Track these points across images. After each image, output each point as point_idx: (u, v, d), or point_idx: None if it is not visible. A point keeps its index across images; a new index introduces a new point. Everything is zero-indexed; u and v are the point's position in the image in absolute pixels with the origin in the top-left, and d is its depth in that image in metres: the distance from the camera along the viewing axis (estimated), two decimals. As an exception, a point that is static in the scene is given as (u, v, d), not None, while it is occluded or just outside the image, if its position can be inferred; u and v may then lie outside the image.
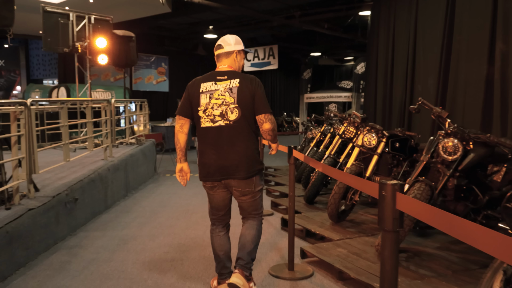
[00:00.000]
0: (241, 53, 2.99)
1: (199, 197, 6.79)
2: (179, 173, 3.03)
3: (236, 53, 2.95)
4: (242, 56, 3.01)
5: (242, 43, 3.00)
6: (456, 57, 6.15)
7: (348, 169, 4.52)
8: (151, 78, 17.88)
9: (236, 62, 2.95)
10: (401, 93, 7.76)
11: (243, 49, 2.99)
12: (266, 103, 2.82)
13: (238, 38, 2.99)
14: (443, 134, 3.56)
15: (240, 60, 3.00)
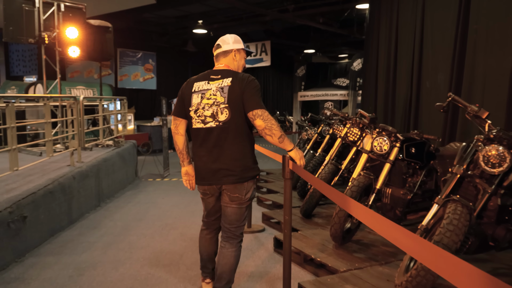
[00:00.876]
0: (240, 52, 2.85)
1: (181, 207, 5.98)
2: (185, 177, 2.90)
3: (235, 52, 2.81)
4: (243, 55, 2.87)
5: (242, 42, 2.86)
6: (473, 49, 5.40)
7: (355, 180, 3.74)
8: (138, 75, 17.02)
9: (234, 61, 2.81)
10: (405, 90, 7.02)
11: (243, 48, 2.85)
12: (256, 99, 2.58)
13: (238, 37, 2.86)
14: (482, 140, 2.79)
15: (240, 59, 2.85)
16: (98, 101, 7.50)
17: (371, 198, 3.74)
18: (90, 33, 7.19)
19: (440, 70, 6.13)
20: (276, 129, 2.53)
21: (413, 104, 6.78)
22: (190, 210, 5.82)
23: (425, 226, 2.71)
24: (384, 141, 3.74)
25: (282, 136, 2.56)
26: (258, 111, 2.53)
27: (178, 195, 6.95)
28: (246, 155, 2.67)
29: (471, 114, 2.93)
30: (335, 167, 4.81)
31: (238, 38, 2.85)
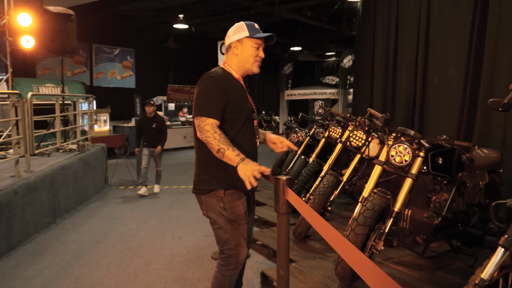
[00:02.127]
0: (243, 42, 2.33)
1: (151, 224, 5.06)
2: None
3: (234, 45, 2.35)
4: (250, 44, 2.32)
5: (246, 29, 2.34)
6: (494, 36, 4.61)
7: (368, 201, 2.87)
8: (115, 73, 15.93)
9: (235, 55, 2.35)
10: (408, 87, 6.22)
11: (247, 35, 2.31)
12: (197, 104, 2.24)
13: (242, 24, 2.37)
14: None
15: (244, 50, 2.33)
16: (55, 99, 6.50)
17: (388, 224, 2.88)
18: (47, 21, 6.19)
19: (452, 63, 5.33)
20: (212, 143, 2.11)
21: (418, 103, 5.98)
22: (161, 229, 4.90)
23: (486, 280, 1.86)
24: (405, 150, 2.88)
25: (221, 151, 2.09)
26: (196, 119, 2.21)
27: (150, 207, 6.01)
28: (202, 165, 2.38)
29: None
30: (335, 179, 3.94)
31: (242, 25, 2.35)
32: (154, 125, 6.73)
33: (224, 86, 2.23)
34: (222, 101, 2.21)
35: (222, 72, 2.33)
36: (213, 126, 2.13)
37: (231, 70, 2.36)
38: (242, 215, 2.29)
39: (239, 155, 2.06)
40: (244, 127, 2.29)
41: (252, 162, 2.10)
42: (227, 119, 2.25)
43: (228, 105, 2.22)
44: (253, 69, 2.34)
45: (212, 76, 2.26)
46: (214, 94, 2.19)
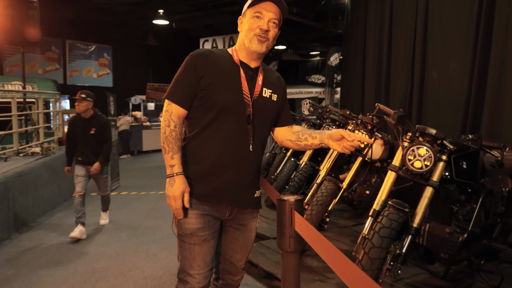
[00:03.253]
0: (245, 15, 1.81)
1: (123, 239, 4.44)
2: None
3: (239, 21, 1.86)
4: (249, 14, 1.78)
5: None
6: (504, 27, 4.17)
7: (383, 216, 2.34)
8: (91, 70, 15.17)
9: (240, 36, 1.83)
10: (404, 83, 5.77)
11: (248, 5, 1.78)
12: (171, 83, 1.81)
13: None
14: None
15: (243, 25, 1.81)
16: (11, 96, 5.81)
17: (406, 243, 2.36)
18: (4, 8, 5.50)
19: (454, 57, 4.88)
20: (161, 136, 1.77)
21: (415, 100, 5.53)
22: (133, 244, 4.29)
23: None
24: (427, 153, 2.36)
25: (163, 150, 1.75)
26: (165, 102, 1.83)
27: (124, 216, 5.39)
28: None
29: None
30: (334, 185, 3.41)
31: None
32: (92, 131, 4.56)
33: (196, 64, 1.74)
34: (190, 83, 1.75)
35: (216, 51, 1.83)
36: (171, 115, 1.76)
37: (234, 52, 1.85)
38: (189, 232, 1.76)
39: (173, 167, 1.72)
40: (218, 124, 1.75)
41: (181, 183, 1.71)
42: (197, 107, 1.77)
43: (198, 89, 1.75)
44: (251, 46, 1.76)
45: (191, 53, 1.80)
46: (183, 74, 1.78)
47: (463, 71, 4.64)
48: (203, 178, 1.77)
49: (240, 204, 1.84)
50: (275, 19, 1.76)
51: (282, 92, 1.97)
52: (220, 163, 1.76)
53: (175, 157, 1.73)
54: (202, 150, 1.78)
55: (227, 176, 1.78)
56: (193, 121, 1.80)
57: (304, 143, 1.93)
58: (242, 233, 1.91)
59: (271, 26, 1.76)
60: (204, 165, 1.77)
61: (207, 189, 1.77)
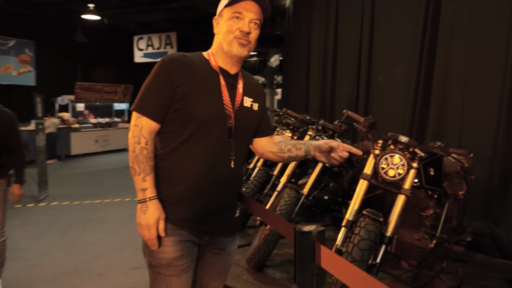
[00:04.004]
0: (222, 15, 1.60)
1: (59, 257, 4.00)
2: None
3: (215, 22, 1.65)
4: (227, 14, 1.57)
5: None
6: (448, 34, 4.34)
7: (360, 228, 2.26)
8: (10, 67, 13.85)
9: (216, 38, 1.64)
10: (350, 87, 5.85)
11: (225, 4, 1.57)
12: (139, 94, 1.58)
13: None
14: None
15: (222, 25, 1.59)
16: None
17: (381, 253, 2.31)
18: None
19: (399, 62, 5.02)
20: (129, 154, 1.54)
21: (361, 103, 5.62)
22: (72, 263, 3.88)
23: None
24: (400, 161, 2.33)
25: (132, 171, 1.52)
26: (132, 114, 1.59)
27: (57, 232, 4.89)
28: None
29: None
30: (296, 193, 3.31)
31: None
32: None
33: (170, 71, 1.52)
34: (164, 93, 1.52)
35: (191, 55, 1.60)
36: (142, 130, 1.52)
37: (211, 56, 1.63)
38: (166, 262, 1.54)
39: (145, 191, 1.51)
40: (196, 139, 1.54)
41: (155, 209, 1.50)
42: (171, 120, 1.55)
43: (173, 100, 1.52)
44: (231, 50, 1.56)
45: (162, 59, 1.57)
46: (155, 82, 1.54)
47: (409, 76, 4.78)
48: (180, 200, 1.55)
49: (221, 227, 1.65)
50: (257, 19, 1.57)
51: (263, 99, 1.80)
52: (200, 183, 1.55)
53: (148, 179, 1.50)
54: (178, 169, 1.55)
55: (207, 197, 1.58)
56: (167, 136, 1.57)
57: (287, 154, 1.78)
58: (221, 257, 1.72)
59: (252, 28, 1.56)
60: (181, 186, 1.55)
61: (185, 213, 1.55)
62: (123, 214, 5.74)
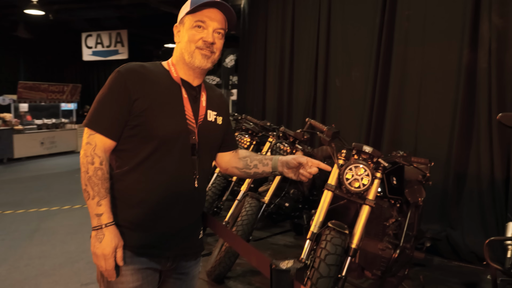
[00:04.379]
0: (183, 23, 1.48)
1: (1, 274, 3.67)
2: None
3: (176, 29, 1.52)
4: (189, 22, 1.46)
5: (189, 3, 1.46)
6: (403, 40, 4.42)
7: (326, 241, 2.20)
8: None
9: (177, 45, 1.52)
10: (307, 89, 5.85)
11: (187, 11, 1.45)
12: (91, 108, 1.44)
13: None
14: None
15: (183, 34, 1.48)
16: None
17: (346, 265, 2.27)
18: None
19: (356, 66, 5.08)
20: (82, 175, 1.39)
21: (319, 106, 5.64)
22: (18, 280, 3.57)
23: None
24: (364, 172, 2.30)
25: (85, 194, 1.39)
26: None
27: (-1, 245, 4.51)
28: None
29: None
30: (257, 202, 3.23)
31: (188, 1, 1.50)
32: None
33: (127, 83, 1.38)
34: (120, 107, 1.38)
35: (149, 66, 1.47)
36: (95, 149, 1.38)
37: (171, 67, 1.50)
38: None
39: (100, 217, 1.36)
40: (157, 157, 1.42)
41: (113, 237, 1.36)
42: (128, 137, 1.41)
43: (131, 115, 1.39)
44: (193, 62, 1.45)
45: (118, 70, 1.43)
46: (110, 95, 1.40)
47: (366, 80, 4.84)
48: (139, 225, 1.42)
49: (184, 251, 1.53)
50: (221, 29, 1.47)
51: (227, 112, 1.70)
52: (161, 206, 1.43)
53: (103, 204, 1.36)
54: (137, 190, 1.42)
55: (170, 220, 1.45)
56: (123, 154, 1.43)
57: (254, 171, 1.69)
58: (184, 282, 1.59)
59: (216, 38, 1.46)
60: (140, 209, 1.42)
61: (145, 239, 1.43)
62: (72, 223, 5.40)
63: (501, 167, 3.42)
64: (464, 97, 3.74)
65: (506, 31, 3.49)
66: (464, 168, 3.73)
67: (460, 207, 3.72)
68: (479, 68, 3.63)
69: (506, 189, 3.43)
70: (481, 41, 3.63)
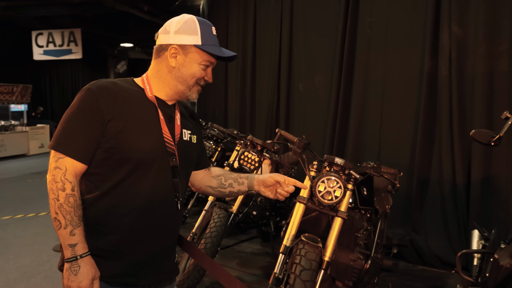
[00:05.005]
0: (187, 51, 1.40)
1: None
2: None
3: (174, 51, 1.39)
4: (197, 58, 1.40)
5: (198, 31, 1.39)
6: (366, 47, 4.47)
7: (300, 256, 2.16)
8: None
9: (167, 67, 1.41)
10: (270, 94, 5.82)
11: (197, 43, 1.39)
12: (58, 129, 1.33)
13: (194, 20, 1.41)
14: None
15: (185, 64, 1.39)
16: None
17: (320, 278, 2.24)
18: None
19: (319, 72, 5.09)
20: (51, 203, 1.28)
21: (282, 111, 5.62)
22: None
23: None
24: (336, 184, 2.28)
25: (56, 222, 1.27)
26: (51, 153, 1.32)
27: None
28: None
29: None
30: (225, 212, 3.15)
31: (193, 22, 1.41)
32: None
33: (99, 103, 1.29)
34: (92, 129, 1.29)
35: (120, 83, 1.38)
36: (66, 174, 1.28)
37: (146, 84, 1.42)
38: None
39: (74, 248, 1.27)
40: (133, 181, 1.35)
41: (89, 268, 1.27)
42: (100, 160, 1.33)
43: (104, 137, 1.31)
44: (191, 95, 1.44)
45: (88, 87, 1.34)
46: (81, 116, 1.31)
47: (330, 86, 4.86)
48: (113, 253, 1.34)
49: (161, 276, 1.46)
50: None
51: (200, 130, 1.64)
52: (138, 231, 1.35)
53: (77, 233, 1.26)
54: (110, 216, 1.33)
55: (146, 246, 1.38)
56: (93, 178, 1.34)
57: (229, 190, 1.62)
58: None
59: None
60: (114, 236, 1.33)
61: (120, 268, 1.34)
62: (27, 233, 5.07)
63: (462, 173, 3.54)
64: (426, 104, 3.83)
65: (465, 40, 3.61)
66: (426, 173, 3.83)
67: (423, 211, 3.81)
68: (440, 76, 3.73)
69: (467, 194, 3.54)
70: (442, 50, 3.73)
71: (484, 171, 3.44)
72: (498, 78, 3.42)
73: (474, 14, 3.55)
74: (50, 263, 4.00)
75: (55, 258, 4.10)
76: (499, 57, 3.41)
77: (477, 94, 3.51)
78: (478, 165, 3.46)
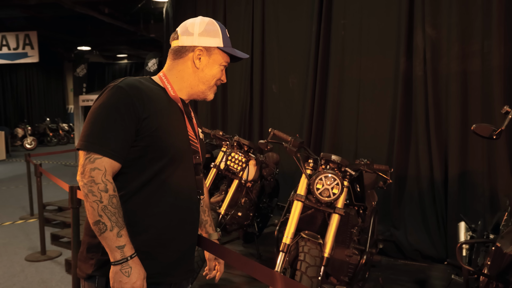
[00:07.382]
0: (211, 53, 1.44)
1: None
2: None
3: (199, 53, 1.41)
4: (219, 59, 1.45)
5: (220, 34, 1.44)
6: (340, 48, 4.56)
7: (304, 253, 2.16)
8: None
9: (191, 68, 1.42)
10: (243, 95, 5.82)
11: (219, 46, 1.43)
12: (88, 128, 1.26)
13: (214, 24, 1.45)
14: None
15: (208, 65, 1.43)
16: None
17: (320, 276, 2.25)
18: None
19: (293, 73, 5.14)
20: (93, 206, 1.21)
21: (256, 112, 5.62)
22: None
23: None
24: (334, 181, 2.30)
25: (101, 225, 1.21)
26: (80, 154, 1.26)
27: None
28: (87, 228, 1.35)
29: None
30: (214, 213, 3.12)
31: (215, 26, 1.45)
32: None
33: (134, 101, 1.27)
34: (128, 127, 1.26)
35: (144, 81, 1.36)
36: (106, 175, 1.23)
37: (166, 84, 1.41)
38: None
39: (123, 249, 1.22)
40: (163, 179, 1.34)
41: (140, 268, 1.25)
42: (134, 159, 1.30)
43: (139, 133, 1.28)
44: (209, 95, 1.50)
45: (119, 85, 1.30)
46: (116, 114, 1.26)
47: (305, 87, 4.91)
48: (148, 253, 1.32)
49: (187, 274, 1.46)
50: None
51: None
52: (170, 229, 1.35)
53: (123, 234, 1.23)
54: (143, 215, 1.32)
55: (178, 244, 1.38)
56: (124, 177, 1.30)
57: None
58: None
59: None
60: (148, 235, 1.32)
61: (153, 267, 1.32)
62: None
63: (439, 168, 3.67)
64: (402, 103, 3.95)
65: (438, 41, 3.76)
66: (404, 170, 3.94)
67: (402, 207, 3.92)
68: (415, 75, 3.86)
69: (445, 189, 3.68)
70: (416, 50, 3.86)
71: (461, 166, 3.59)
72: (472, 77, 3.59)
73: (447, 16, 3.70)
74: (24, 274, 3.78)
75: (29, 268, 3.88)
76: (471, 57, 3.57)
77: (451, 92, 3.66)
78: (455, 161, 3.60)
